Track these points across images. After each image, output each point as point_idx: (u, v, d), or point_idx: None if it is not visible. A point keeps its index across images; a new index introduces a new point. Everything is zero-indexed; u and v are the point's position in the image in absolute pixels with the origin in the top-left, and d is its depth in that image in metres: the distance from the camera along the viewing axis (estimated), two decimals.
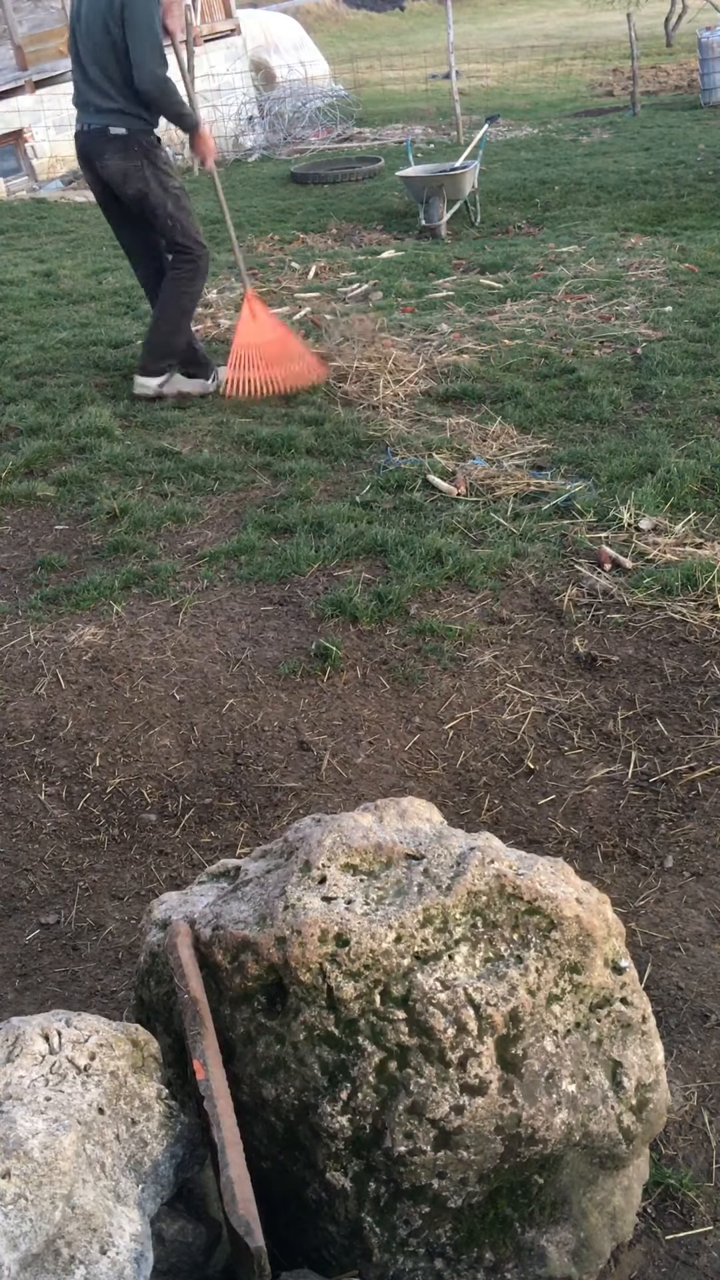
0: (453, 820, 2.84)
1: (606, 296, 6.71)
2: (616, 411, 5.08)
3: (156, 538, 4.25)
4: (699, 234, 8.10)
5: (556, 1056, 1.68)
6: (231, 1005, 1.72)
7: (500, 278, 7.44)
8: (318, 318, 6.64)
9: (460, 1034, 1.61)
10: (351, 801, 2.91)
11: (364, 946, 1.64)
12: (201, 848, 2.85)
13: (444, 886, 1.71)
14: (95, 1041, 1.61)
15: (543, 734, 3.15)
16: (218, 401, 5.52)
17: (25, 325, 6.84)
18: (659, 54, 19.90)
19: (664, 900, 2.61)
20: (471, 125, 13.51)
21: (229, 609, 3.75)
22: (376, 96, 18.08)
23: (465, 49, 19.78)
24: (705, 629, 3.47)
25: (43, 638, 3.63)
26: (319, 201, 10.72)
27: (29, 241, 9.69)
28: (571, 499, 4.24)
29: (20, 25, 13.76)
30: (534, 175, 11.03)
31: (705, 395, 5.12)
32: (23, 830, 2.94)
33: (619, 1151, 1.74)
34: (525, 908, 1.71)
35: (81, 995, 2.46)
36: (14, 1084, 1.53)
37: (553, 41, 22.59)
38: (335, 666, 3.41)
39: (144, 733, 3.21)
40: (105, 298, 7.46)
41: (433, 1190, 1.63)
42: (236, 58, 15.39)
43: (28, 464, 4.85)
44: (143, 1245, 1.47)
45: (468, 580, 3.79)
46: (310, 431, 5.06)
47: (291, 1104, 1.66)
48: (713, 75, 14.40)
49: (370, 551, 4.01)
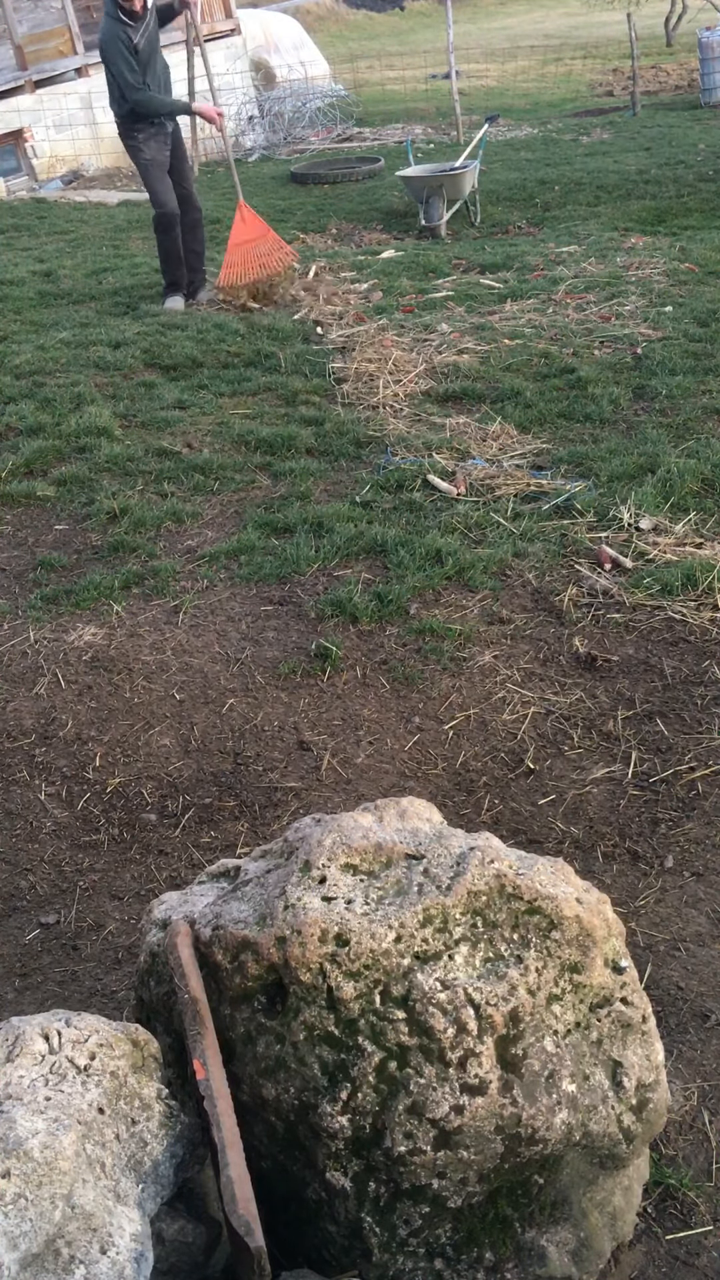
0: (453, 820, 2.84)
1: (606, 296, 6.71)
2: (616, 411, 5.08)
3: (156, 538, 4.25)
4: (699, 234, 8.10)
5: (556, 1056, 1.68)
6: (231, 1005, 1.72)
7: (500, 278, 7.43)
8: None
9: (460, 1034, 1.61)
10: (351, 801, 2.91)
11: (364, 946, 1.64)
12: (201, 848, 2.85)
13: (444, 886, 1.71)
14: (95, 1041, 1.61)
15: (543, 734, 3.15)
16: (218, 401, 5.52)
17: (25, 325, 6.84)
18: (659, 54, 19.89)
19: (664, 900, 2.61)
20: (471, 125, 13.51)
21: (229, 609, 3.75)
22: (376, 96, 18.07)
23: (465, 49, 19.78)
24: (705, 629, 3.47)
25: (43, 638, 3.63)
26: (319, 201, 10.72)
27: (29, 241, 9.69)
28: (572, 499, 4.23)
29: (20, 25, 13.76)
30: (534, 175, 11.02)
31: (705, 395, 5.12)
32: (23, 830, 2.94)
33: (619, 1151, 1.74)
34: (525, 908, 1.71)
35: (81, 995, 2.46)
36: (14, 1084, 1.53)
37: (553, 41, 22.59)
38: (335, 666, 3.41)
39: (144, 733, 3.21)
40: (105, 298, 7.46)
41: (433, 1190, 1.63)
42: (236, 58, 15.39)
43: (28, 464, 4.85)
44: (143, 1245, 1.47)
45: (468, 580, 3.79)
46: (310, 431, 5.06)
47: (291, 1104, 1.66)
48: (713, 75, 14.39)
49: (370, 551, 4.01)
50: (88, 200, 11.92)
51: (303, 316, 6.78)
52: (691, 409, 4.97)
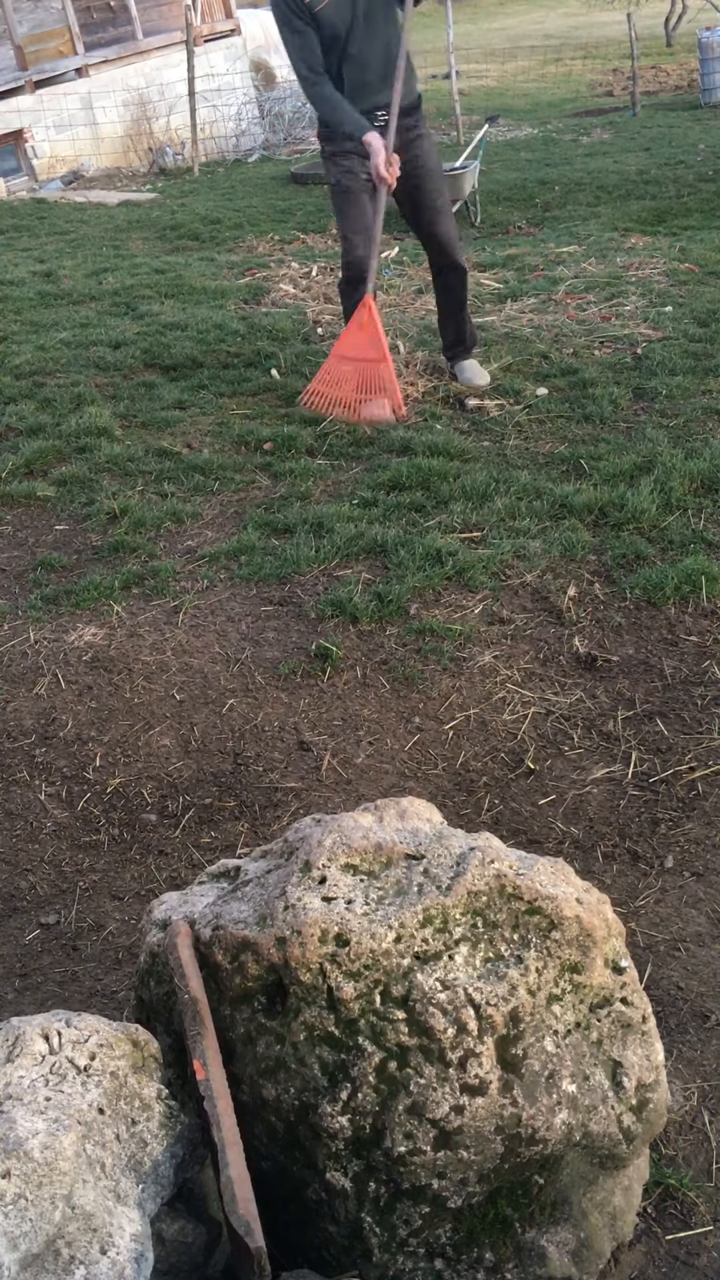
0: (453, 820, 2.84)
1: (606, 296, 6.71)
2: (616, 411, 5.07)
3: (156, 538, 4.25)
4: (699, 234, 8.10)
5: (557, 1056, 1.68)
6: (231, 1005, 1.72)
7: (500, 278, 7.43)
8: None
9: (460, 1034, 1.61)
10: (351, 801, 2.91)
11: (364, 946, 1.64)
12: (201, 848, 2.85)
13: (444, 886, 1.71)
14: (95, 1042, 1.61)
15: (543, 734, 3.15)
16: (218, 401, 5.52)
17: (25, 325, 6.83)
18: (659, 54, 19.90)
19: (664, 900, 2.61)
20: (471, 125, 13.51)
21: (229, 609, 3.75)
22: None
23: (465, 49, 19.78)
24: (705, 629, 3.47)
25: (43, 638, 3.63)
26: (319, 201, 10.72)
27: (29, 241, 9.69)
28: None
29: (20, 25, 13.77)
30: (534, 175, 11.03)
31: (705, 395, 5.12)
32: (23, 830, 2.95)
33: (619, 1151, 1.74)
34: (525, 908, 1.71)
35: (81, 995, 2.46)
36: (14, 1084, 1.53)
37: (553, 41, 22.59)
38: (335, 666, 3.41)
39: (144, 733, 3.21)
40: (105, 298, 7.46)
41: (433, 1190, 1.63)
42: (236, 58, 15.40)
43: (28, 464, 4.85)
44: (143, 1245, 1.47)
45: (468, 580, 3.79)
46: (310, 431, 5.06)
47: (291, 1104, 1.66)
48: (713, 75, 14.41)
49: (370, 551, 4.01)
50: (88, 200, 11.93)
51: (303, 317, 6.78)
52: (691, 409, 4.97)
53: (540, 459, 4.71)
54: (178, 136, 14.58)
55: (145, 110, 14.82)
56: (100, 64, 14.82)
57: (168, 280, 7.69)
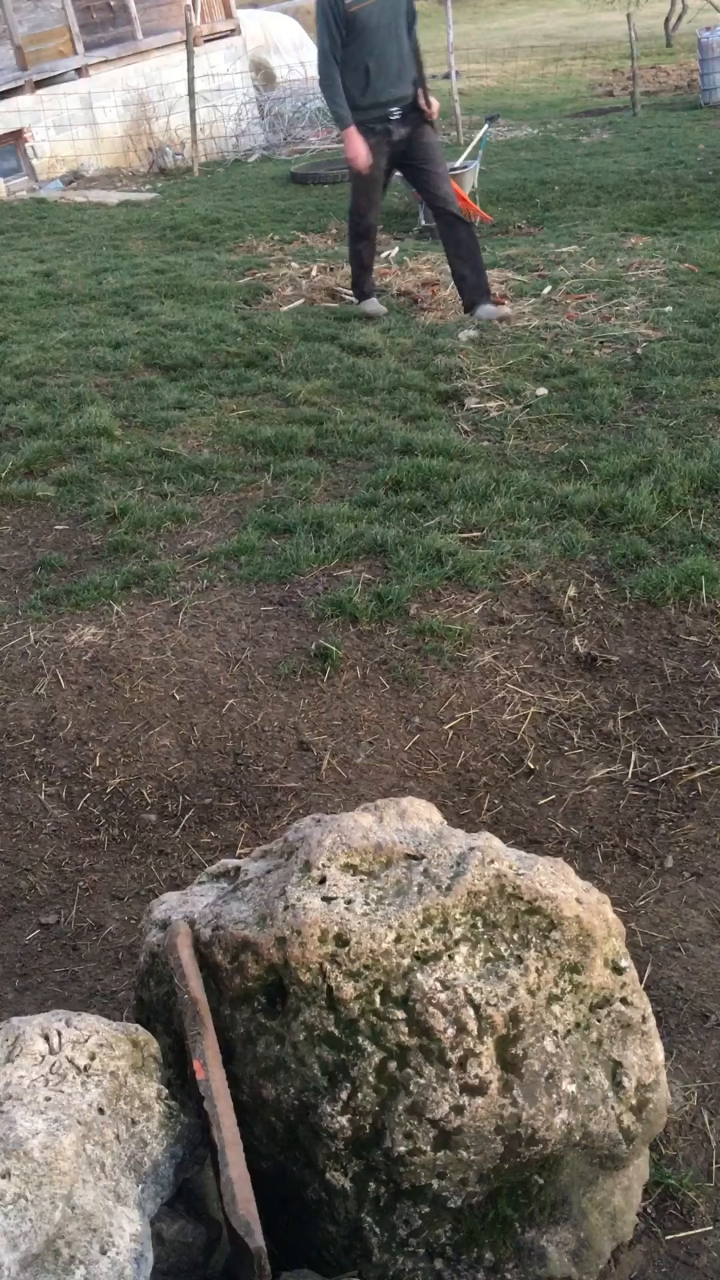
0: (453, 820, 2.84)
1: (606, 296, 6.71)
2: (616, 411, 5.07)
3: (156, 538, 4.25)
4: (699, 234, 8.09)
5: (556, 1056, 1.68)
6: (231, 1005, 1.72)
7: (500, 277, 7.43)
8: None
9: (460, 1034, 1.61)
10: (351, 801, 2.91)
11: (364, 946, 1.64)
12: (201, 848, 2.85)
13: (444, 887, 1.71)
14: (95, 1042, 1.61)
15: (543, 734, 3.15)
16: (218, 401, 5.52)
17: (25, 325, 6.83)
18: (659, 54, 19.89)
19: (664, 900, 2.61)
20: (471, 125, 13.50)
21: (229, 609, 3.75)
22: None
23: (465, 49, 19.77)
24: (705, 629, 3.47)
25: (43, 638, 3.63)
26: (319, 201, 10.72)
27: (29, 241, 9.69)
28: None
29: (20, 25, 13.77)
30: (534, 175, 11.02)
31: (705, 395, 5.12)
32: (23, 830, 2.95)
33: (619, 1151, 1.74)
34: (525, 908, 1.71)
35: (81, 995, 2.46)
36: (14, 1084, 1.53)
37: (553, 41, 22.59)
38: (335, 666, 3.41)
39: (144, 733, 3.21)
40: (105, 298, 7.46)
41: (433, 1190, 1.63)
42: (236, 58, 15.40)
43: (28, 464, 4.85)
44: (143, 1245, 1.47)
45: (468, 580, 3.79)
46: (311, 431, 5.06)
47: (291, 1104, 1.66)
48: (713, 75, 14.39)
49: (370, 551, 4.01)
50: (88, 200, 11.93)
51: (303, 318, 6.78)
52: (691, 409, 4.97)
53: (540, 459, 4.71)
54: (178, 136, 14.58)
55: (145, 110, 14.82)
56: (100, 64, 14.82)
57: (168, 280, 7.68)
